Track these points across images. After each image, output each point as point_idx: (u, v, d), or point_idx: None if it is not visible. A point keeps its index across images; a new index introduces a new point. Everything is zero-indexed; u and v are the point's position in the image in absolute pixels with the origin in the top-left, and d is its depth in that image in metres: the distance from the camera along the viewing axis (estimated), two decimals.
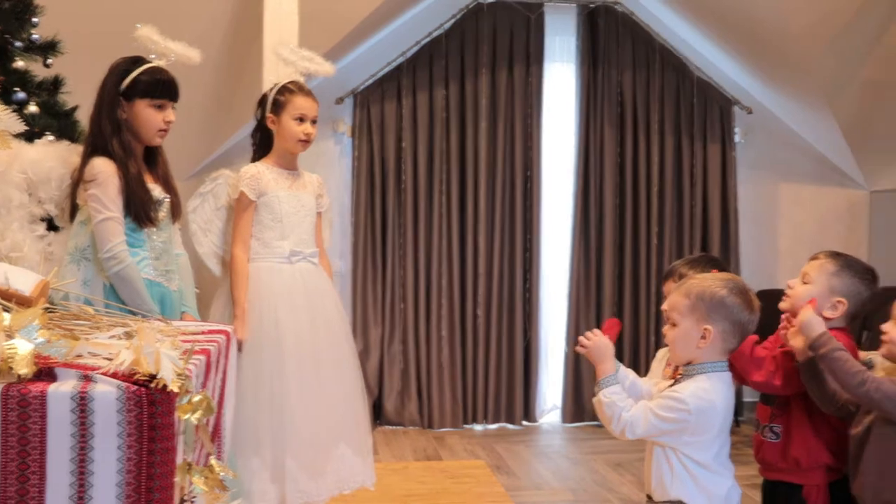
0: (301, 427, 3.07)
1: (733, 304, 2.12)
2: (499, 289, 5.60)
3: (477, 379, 5.60)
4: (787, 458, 2.34)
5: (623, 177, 5.73)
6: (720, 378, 2.14)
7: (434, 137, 5.55)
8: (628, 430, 2.08)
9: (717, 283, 2.15)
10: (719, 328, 2.11)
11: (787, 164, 6.07)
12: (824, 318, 2.31)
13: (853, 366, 2.09)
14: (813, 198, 6.12)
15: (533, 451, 5.11)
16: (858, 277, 2.35)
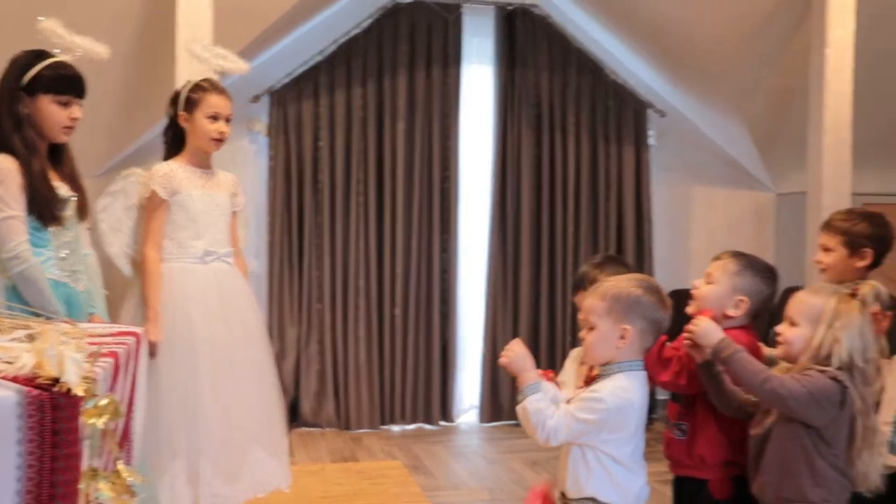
0: (216, 430, 3.02)
1: (648, 302, 2.16)
2: (416, 289, 5.60)
3: (394, 379, 5.59)
4: (692, 456, 2.39)
5: (540, 178, 5.78)
6: (637, 377, 2.18)
7: (352, 137, 5.52)
8: (552, 437, 2.10)
9: (631, 283, 2.19)
10: (637, 327, 2.15)
11: (698, 167, 6.21)
12: (727, 316, 2.37)
13: (756, 366, 2.14)
14: (723, 200, 6.26)
15: (450, 451, 5.12)
16: (760, 276, 2.40)
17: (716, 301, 2.39)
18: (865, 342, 2.14)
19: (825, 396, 2.10)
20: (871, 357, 2.13)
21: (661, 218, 6.04)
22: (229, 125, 3.25)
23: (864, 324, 2.14)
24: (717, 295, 2.39)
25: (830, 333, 2.14)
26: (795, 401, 2.09)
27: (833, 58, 4.79)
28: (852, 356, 2.12)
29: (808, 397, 2.09)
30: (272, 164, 5.48)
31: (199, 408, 3.01)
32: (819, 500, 2.12)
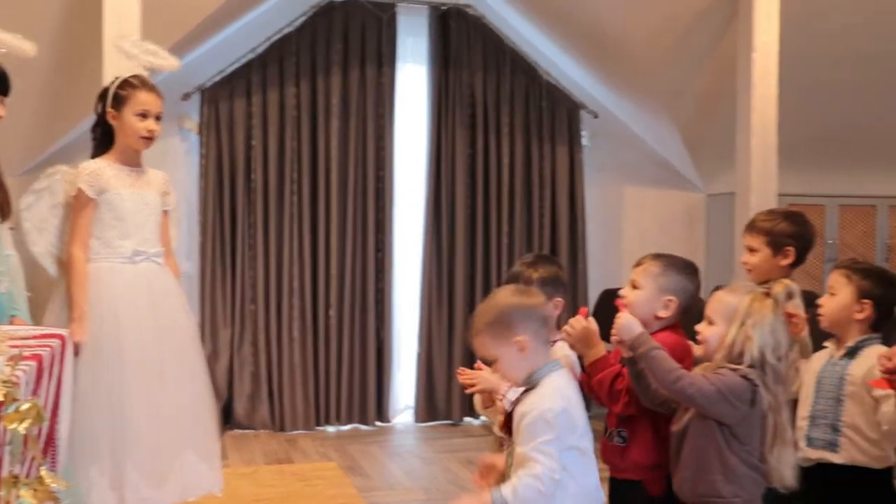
0: (143, 433, 2.96)
1: (518, 303, 2.15)
2: (351, 289, 5.57)
3: (329, 380, 5.55)
4: (627, 460, 2.42)
5: (474, 178, 5.80)
6: (560, 374, 2.17)
7: (285, 136, 5.47)
8: (550, 478, 2.01)
9: (494, 299, 2.19)
10: (530, 332, 2.13)
11: (630, 168, 6.30)
12: (659, 317, 2.40)
13: (668, 364, 2.16)
14: (655, 200, 6.36)
15: (386, 451, 5.12)
16: (682, 273, 2.43)
17: (645, 305, 2.41)
18: (777, 339, 2.15)
19: (735, 394, 2.11)
20: (783, 354, 2.15)
21: (594, 218, 6.10)
22: (159, 123, 3.18)
23: (775, 322, 2.16)
24: (645, 299, 2.41)
25: (743, 331, 2.15)
26: (705, 399, 2.11)
27: (759, 62, 4.90)
28: (764, 353, 2.13)
29: (717, 395, 2.10)
30: (204, 162, 5.40)
31: (125, 411, 2.94)
32: (731, 495, 2.14)
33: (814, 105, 5.70)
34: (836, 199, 6.20)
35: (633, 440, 2.41)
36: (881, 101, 5.76)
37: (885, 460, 2.51)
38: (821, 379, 2.58)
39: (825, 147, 6.07)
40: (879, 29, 5.25)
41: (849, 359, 2.56)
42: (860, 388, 2.50)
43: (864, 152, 6.16)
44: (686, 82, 5.64)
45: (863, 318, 2.55)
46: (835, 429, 2.52)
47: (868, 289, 2.53)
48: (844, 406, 2.51)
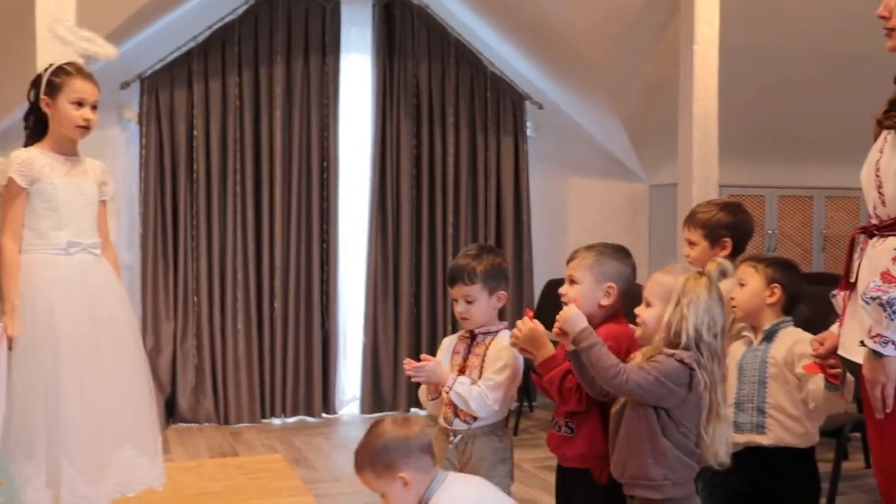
0: (79, 428, 2.89)
1: (398, 439, 2.25)
2: (296, 281, 5.52)
3: (274, 372, 5.51)
4: (573, 449, 2.44)
5: (419, 168, 5.78)
6: (446, 486, 2.24)
7: (227, 126, 5.39)
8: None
9: (373, 438, 2.29)
10: (410, 466, 2.21)
11: (575, 159, 6.32)
12: (602, 306, 2.42)
13: (608, 360, 2.18)
14: (599, 191, 6.39)
15: (332, 442, 5.09)
16: (616, 259, 2.46)
17: (587, 297, 2.42)
18: (712, 317, 2.17)
19: (672, 379, 2.14)
20: (718, 331, 2.18)
21: (539, 209, 6.12)
22: (96, 112, 3.10)
23: (709, 300, 2.18)
24: (586, 292, 2.43)
25: (678, 311, 2.17)
26: (643, 390, 2.14)
27: (700, 54, 4.96)
28: (699, 331, 2.15)
29: (655, 384, 2.13)
30: (144, 153, 5.30)
31: (60, 406, 2.87)
32: (661, 478, 2.17)
33: (754, 98, 5.79)
34: (775, 189, 6.31)
35: (580, 431, 2.42)
36: (819, 94, 5.87)
37: (810, 439, 2.58)
38: (742, 365, 2.62)
39: (765, 139, 6.17)
40: (819, 24, 5.35)
41: (767, 342, 2.61)
42: (782, 369, 2.55)
43: (803, 144, 6.28)
44: (630, 74, 5.69)
45: (774, 301, 2.61)
46: (760, 411, 2.56)
47: (774, 275, 2.61)
48: (768, 388, 2.57)
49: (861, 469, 4.54)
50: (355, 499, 4.04)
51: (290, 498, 4.01)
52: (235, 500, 3.97)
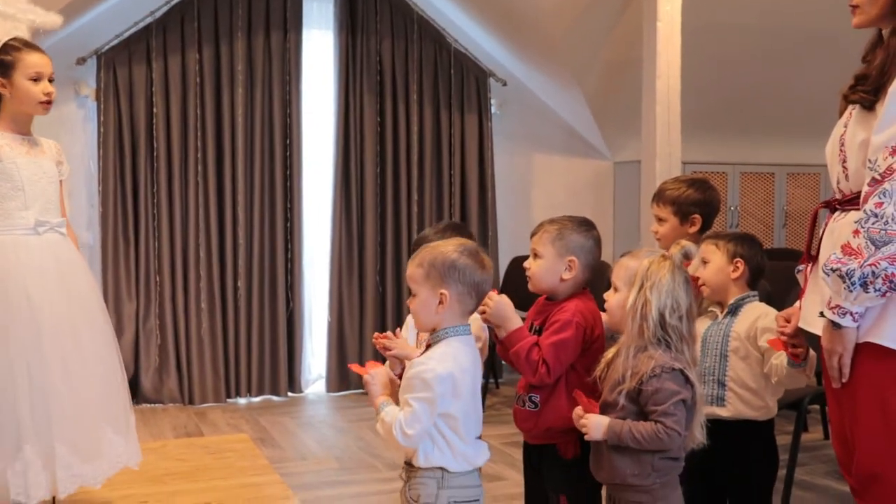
0: (68, 409, 2.86)
1: (465, 265, 2.16)
2: (260, 259, 5.49)
3: (239, 352, 5.48)
4: (539, 426, 2.43)
5: (383, 146, 5.75)
6: (463, 341, 2.18)
7: (188, 103, 5.32)
8: (407, 427, 2.10)
9: (447, 247, 2.19)
10: (455, 291, 2.14)
11: (539, 136, 6.34)
12: (564, 280, 2.42)
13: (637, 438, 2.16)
14: (563, 168, 6.42)
15: (298, 421, 5.08)
16: (578, 232, 2.45)
17: (549, 271, 2.43)
18: (676, 299, 2.16)
19: (681, 396, 2.13)
20: (684, 314, 2.17)
21: (503, 186, 6.13)
22: (53, 85, 3.06)
23: (672, 283, 2.17)
24: (547, 266, 2.43)
25: (642, 295, 2.17)
26: (676, 440, 2.13)
27: (663, 31, 4.98)
28: (663, 315, 2.15)
29: (679, 422, 2.12)
30: (102, 130, 5.21)
31: (46, 387, 2.84)
32: (649, 483, 2.18)
33: (717, 75, 5.83)
34: (737, 166, 6.36)
35: (545, 405, 2.42)
36: (781, 71, 5.93)
37: (769, 412, 2.61)
38: (706, 339, 2.64)
39: (727, 116, 6.22)
40: (782, 1, 5.40)
41: (731, 317, 2.64)
42: (743, 343, 2.58)
43: (765, 121, 6.34)
44: (593, 52, 5.70)
45: (738, 276, 2.63)
46: (721, 384, 2.59)
47: (736, 250, 2.64)
48: (729, 362, 2.59)
49: (820, 440, 4.65)
50: (321, 476, 4.06)
51: (256, 477, 4.01)
52: (200, 479, 3.96)
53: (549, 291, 2.47)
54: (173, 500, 3.65)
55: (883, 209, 1.85)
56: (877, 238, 1.85)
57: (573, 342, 2.36)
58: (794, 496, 3.56)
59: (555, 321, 2.39)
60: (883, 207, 1.85)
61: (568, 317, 2.37)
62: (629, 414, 2.17)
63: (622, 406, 2.17)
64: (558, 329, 2.37)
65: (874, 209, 1.86)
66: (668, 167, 5.03)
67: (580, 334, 2.37)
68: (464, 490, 2.18)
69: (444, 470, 2.16)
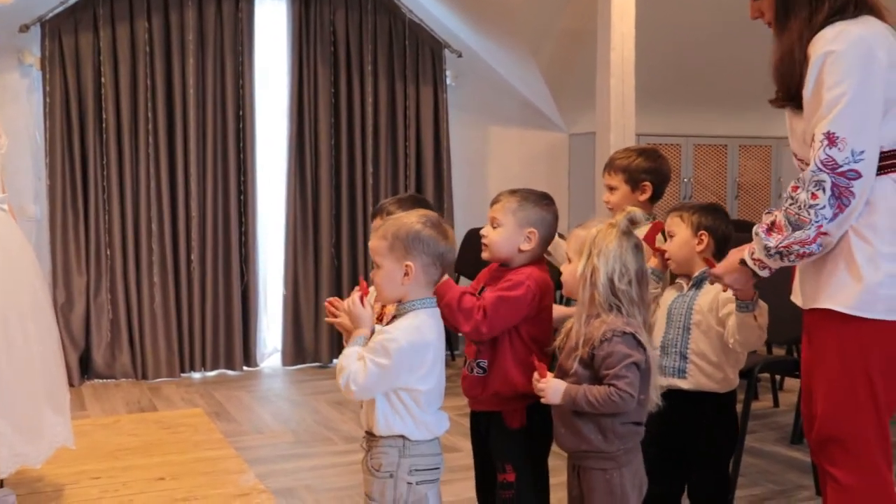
0: (11, 386, 2.81)
1: (429, 237, 2.17)
2: (213, 231, 5.43)
3: (193, 325, 5.43)
4: (486, 390, 2.45)
5: (338, 117, 5.70)
6: (429, 313, 2.19)
7: (137, 73, 5.21)
8: (352, 382, 2.09)
9: (410, 219, 2.21)
10: (420, 262, 2.16)
11: (495, 108, 6.32)
12: (522, 251, 2.45)
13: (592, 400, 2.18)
14: (519, 140, 6.42)
15: (254, 395, 5.07)
16: (539, 205, 2.48)
17: (508, 240, 2.45)
18: (624, 264, 2.18)
19: (632, 359, 2.14)
20: (632, 278, 2.19)
21: (459, 158, 6.11)
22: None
23: (619, 248, 2.19)
24: (506, 236, 2.45)
25: (590, 262, 2.20)
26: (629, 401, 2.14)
27: (617, 3, 4.96)
28: (612, 280, 2.17)
29: (631, 384, 2.13)
30: (48, 100, 5.08)
31: None
32: (613, 449, 2.20)
33: (671, 47, 5.85)
34: (690, 138, 6.41)
35: (492, 369, 2.43)
36: (734, 44, 5.94)
37: (729, 384, 2.65)
38: (670, 311, 2.67)
39: (681, 88, 6.26)
40: None
41: (696, 289, 2.66)
42: (705, 316, 2.60)
43: (717, 93, 6.38)
44: (548, 23, 5.68)
45: (703, 248, 2.63)
46: (683, 356, 2.62)
47: (701, 222, 2.64)
48: (691, 334, 2.62)
49: (769, 408, 4.74)
50: (277, 450, 4.06)
51: (210, 451, 3.99)
52: (155, 454, 3.93)
53: (506, 261, 2.48)
54: (127, 476, 3.62)
55: (798, 193, 1.98)
56: (792, 220, 1.98)
57: (519, 303, 2.36)
58: (745, 462, 3.63)
59: (507, 279, 2.42)
60: (798, 192, 1.98)
61: (521, 278, 2.39)
62: (583, 380, 2.19)
63: (575, 371, 2.20)
64: (508, 287, 2.39)
65: (791, 192, 1.99)
66: (622, 139, 5.02)
67: (528, 297, 2.37)
68: (425, 458, 2.20)
69: (406, 438, 2.17)
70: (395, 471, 2.17)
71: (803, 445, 3.87)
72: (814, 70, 1.95)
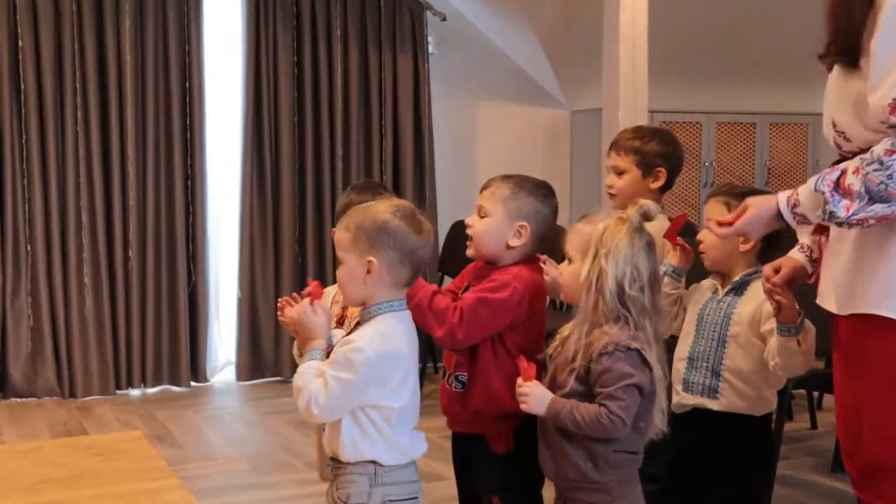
0: None
1: (399, 228, 2.15)
2: (155, 224, 5.42)
3: (131, 335, 5.41)
4: (466, 409, 2.44)
5: (301, 92, 5.69)
6: (398, 318, 2.18)
7: (63, 37, 5.15)
8: (313, 403, 2.08)
9: (378, 208, 2.20)
10: (384, 259, 2.14)
11: (485, 80, 6.32)
12: (511, 247, 2.43)
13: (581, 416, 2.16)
14: (513, 117, 6.41)
15: (202, 415, 5.07)
16: (534, 195, 2.46)
17: (495, 234, 2.44)
18: (636, 267, 2.16)
19: (633, 380, 2.13)
20: (646, 283, 2.17)
21: (443, 138, 6.09)
22: None
23: (631, 248, 2.17)
24: (494, 228, 2.43)
25: (596, 264, 2.17)
26: (620, 427, 2.12)
27: None
28: (622, 286, 2.14)
29: (626, 408, 2.11)
30: None
31: None
32: (605, 480, 2.18)
33: (690, 9, 5.83)
34: (713, 115, 6.39)
35: (473, 385, 2.41)
36: (765, 4, 5.93)
37: (766, 405, 2.60)
38: (702, 316, 2.62)
39: (702, 57, 6.24)
40: None
41: (735, 295, 2.60)
42: (745, 330, 2.54)
43: (745, 63, 6.35)
44: None
45: (749, 248, 2.57)
46: (715, 373, 2.57)
47: None
48: (727, 349, 2.56)
49: (806, 430, 4.76)
50: (230, 479, 4.07)
51: (152, 482, 3.89)
52: (85, 486, 3.82)
53: (492, 258, 2.48)
54: None
55: (892, 159, 1.85)
56: (873, 189, 1.87)
57: (503, 307, 2.36)
58: (777, 493, 3.59)
59: (492, 279, 2.41)
60: (893, 157, 1.85)
61: (507, 278, 2.39)
62: (577, 398, 2.17)
63: (571, 388, 2.18)
64: (492, 288, 2.38)
65: (882, 156, 1.87)
66: (632, 116, 5.07)
67: (514, 301, 2.36)
68: (400, 487, 2.18)
69: (377, 464, 2.15)
70: (365, 502, 2.14)
71: (846, 474, 3.84)
72: (892, 14, 1.86)
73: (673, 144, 2.98)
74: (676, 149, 2.99)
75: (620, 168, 2.93)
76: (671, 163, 2.94)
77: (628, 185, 2.91)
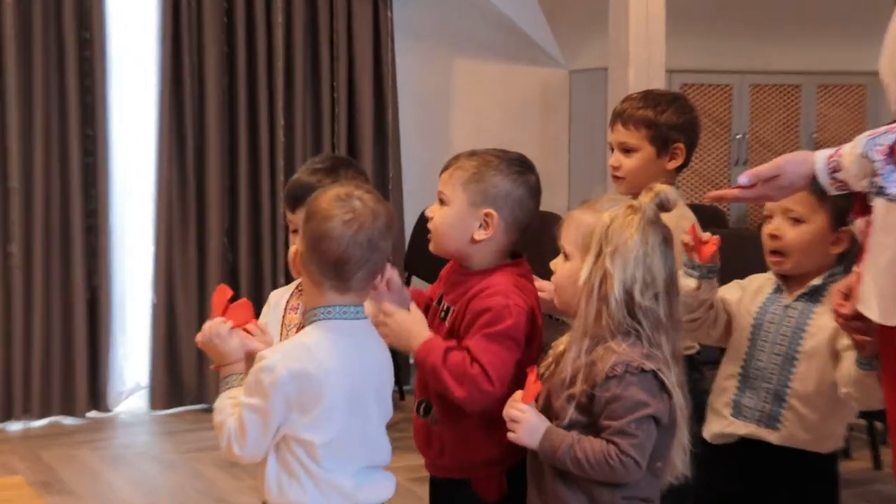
0: None
1: (339, 232, 2.16)
2: (44, 214, 5.38)
3: (12, 354, 5.37)
4: (446, 452, 2.44)
5: (232, 46, 5.69)
6: (333, 328, 2.18)
7: None
8: (234, 442, 2.13)
9: (324, 197, 2.21)
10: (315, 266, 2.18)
11: (463, 34, 6.38)
12: (475, 241, 2.39)
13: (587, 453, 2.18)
14: (498, 78, 6.47)
15: (102, 455, 5.05)
16: (506, 174, 2.40)
17: (454, 226, 2.41)
18: (649, 270, 2.15)
19: (649, 411, 2.13)
20: (661, 290, 2.16)
21: (411, 104, 6.14)
22: None
23: (644, 245, 2.15)
24: (453, 219, 2.41)
25: (600, 264, 2.16)
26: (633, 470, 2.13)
27: None
28: (631, 294, 2.14)
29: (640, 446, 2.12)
30: None
31: None
32: None
33: None
34: (746, 75, 6.48)
35: (452, 421, 2.39)
36: None
37: (833, 441, 2.61)
38: (761, 324, 2.61)
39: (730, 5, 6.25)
40: None
41: (809, 301, 2.58)
42: (824, 347, 2.52)
43: (785, 11, 6.41)
44: None
45: (840, 251, 2.57)
46: (778, 398, 2.55)
47: (847, 208, 2.48)
48: (797, 368, 2.55)
49: (868, 470, 4.78)
50: None
51: None
52: None
53: (456, 256, 2.47)
54: None
55: None
56: None
57: (513, 335, 2.32)
58: None
59: (481, 310, 2.35)
60: None
61: (500, 301, 2.34)
62: (578, 430, 2.18)
63: (570, 419, 2.18)
64: (491, 319, 2.32)
65: None
66: (646, 77, 5.19)
67: (521, 325, 2.33)
68: None
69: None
70: None
71: None
72: None
73: (691, 113, 2.97)
74: (695, 119, 2.98)
75: (629, 145, 2.91)
76: (690, 137, 2.93)
77: (639, 165, 2.89)
